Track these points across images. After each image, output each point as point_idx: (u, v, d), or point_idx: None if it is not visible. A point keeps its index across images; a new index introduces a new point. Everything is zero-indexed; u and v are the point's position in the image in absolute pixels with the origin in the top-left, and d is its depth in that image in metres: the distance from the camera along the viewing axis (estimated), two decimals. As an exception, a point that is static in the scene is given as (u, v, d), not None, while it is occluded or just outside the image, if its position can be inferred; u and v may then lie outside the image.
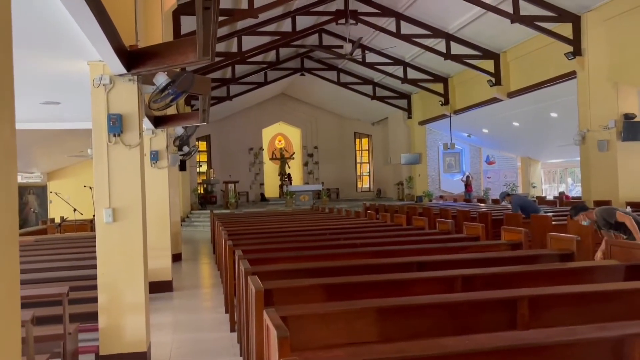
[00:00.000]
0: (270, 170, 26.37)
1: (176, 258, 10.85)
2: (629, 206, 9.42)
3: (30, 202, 16.98)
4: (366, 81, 20.92)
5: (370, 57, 17.75)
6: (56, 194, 13.90)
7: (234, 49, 14.90)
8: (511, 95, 15.02)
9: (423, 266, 4.35)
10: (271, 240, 6.69)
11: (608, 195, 10.86)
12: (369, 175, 27.52)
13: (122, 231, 4.74)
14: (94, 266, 4.80)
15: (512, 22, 12.03)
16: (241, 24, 13.52)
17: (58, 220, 12.93)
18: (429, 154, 21.76)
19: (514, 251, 5.11)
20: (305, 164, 26.65)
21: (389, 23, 15.18)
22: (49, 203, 17.07)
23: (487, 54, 15.12)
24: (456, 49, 14.97)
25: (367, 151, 27.47)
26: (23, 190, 16.57)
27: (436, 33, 14.86)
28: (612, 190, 11.06)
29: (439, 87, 18.61)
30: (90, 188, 7.34)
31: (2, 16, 1.50)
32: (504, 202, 11.75)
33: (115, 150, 4.73)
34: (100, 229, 4.74)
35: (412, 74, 18.33)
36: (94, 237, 4.91)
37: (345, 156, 26.84)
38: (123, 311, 4.72)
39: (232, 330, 5.76)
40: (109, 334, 4.69)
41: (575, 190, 20.81)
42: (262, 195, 25.22)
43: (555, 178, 23.34)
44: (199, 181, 23.49)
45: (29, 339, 3.34)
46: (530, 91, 14.20)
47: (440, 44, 15.32)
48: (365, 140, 27.41)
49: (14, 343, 1.57)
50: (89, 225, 12.18)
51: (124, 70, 4.40)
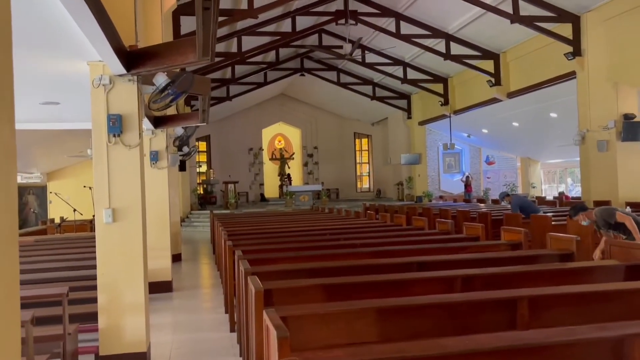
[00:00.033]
0: (270, 170, 26.36)
1: (176, 258, 10.85)
2: (628, 206, 9.42)
3: (30, 203, 16.98)
4: (366, 81, 20.92)
5: (370, 58, 17.75)
6: (56, 194, 13.89)
7: (234, 49, 14.91)
8: (511, 95, 15.02)
9: (423, 266, 4.35)
10: (271, 241, 6.69)
11: (608, 196, 10.86)
12: (369, 175, 27.51)
13: (122, 231, 4.74)
14: (94, 266, 4.79)
15: (512, 23, 12.03)
16: (241, 24, 13.52)
17: (58, 220, 12.93)
18: (429, 154, 21.77)
19: (513, 251, 5.11)
20: (305, 164, 26.64)
21: (389, 23, 15.18)
22: (49, 203, 17.07)
23: (487, 54, 15.12)
24: (456, 49, 14.97)
25: (367, 151, 27.46)
26: (23, 190, 16.57)
27: (436, 33, 14.86)
28: (612, 191, 11.06)
29: (439, 88, 18.61)
30: (90, 188, 7.34)
31: (2, 16, 1.50)
32: (503, 203, 11.75)
33: (115, 151, 4.73)
34: (100, 229, 4.74)
35: (412, 74, 18.33)
36: (93, 238, 4.91)
37: (345, 156, 26.83)
38: (123, 311, 4.72)
39: (232, 330, 5.76)
40: (108, 334, 4.68)
41: (575, 191, 20.82)
42: (262, 195, 25.21)
43: (554, 178, 23.35)
44: (198, 181, 23.47)
45: (28, 339, 3.34)
46: (530, 91, 14.20)
47: (440, 44, 15.33)
48: (365, 140, 27.40)
49: (13, 343, 1.57)
50: (89, 225, 12.18)
51: (123, 71, 4.40)
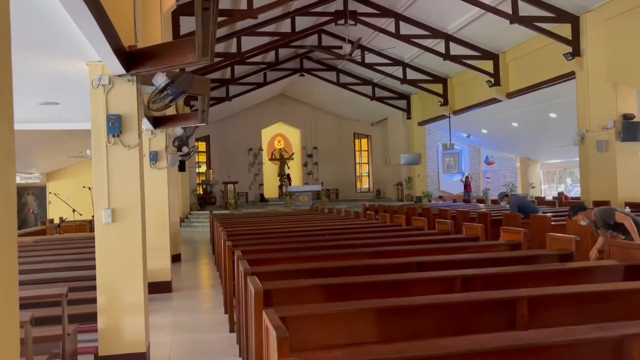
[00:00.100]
0: (269, 170, 26.35)
1: (175, 259, 10.85)
2: (627, 206, 9.42)
3: (29, 203, 16.99)
4: (365, 82, 20.92)
5: (370, 58, 17.74)
6: (55, 194, 13.88)
7: (233, 49, 14.91)
8: (510, 95, 15.02)
9: (422, 266, 4.35)
10: (270, 241, 6.69)
11: (607, 196, 10.87)
12: (369, 175, 27.51)
13: (121, 232, 4.74)
14: (93, 267, 4.79)
15: (511, 23, 12.04)
16: (240, 25, 13.51)
17: (57, 221, 12.92)
18: (428, 155, 21.78)
19: (513, 251, 5.11)
20: (305, 165, 26.63)
21: (388, 23, 15.18)
22: (48, 204, 17.08)
23: (486, 54, 15.12)
24: (455, 49, 14.97)
25: (367, 152, 27.46)
26: (22, 191, 16.58)
27: (435, 34, 14.86)
28: (611, 191, 11.07)
29: (438, 88, 18.61)
30: (90, 189, 7.33)
31: (1, 16, 1.50)
32: (502, 203, 11.76)
33: (115, 151, 4.73)
34: (100, 229, 4.74)
35: (412, 75, 18.33)
36: (93, 238, 4.91)
37: (345, 157, 26.83)
38: (122, 312, 4.72)
39: (232, 330, 5.75)
40: (108, 334, 4.68)
41: (575, 191, 20.83)
42: (262, 195, 25.20)
43: (554, 178, 23.37)
44: (198, 182, 23.46)
45: (27, 339, 3.34)
46: (529, 92, 14.20)
47: (439, 45, 15.33)
48: (364, 140, 27.40)
49: (12, 344, 1.57)
50: (88, 225, 12.17)
51: (123, 71, 4.40)
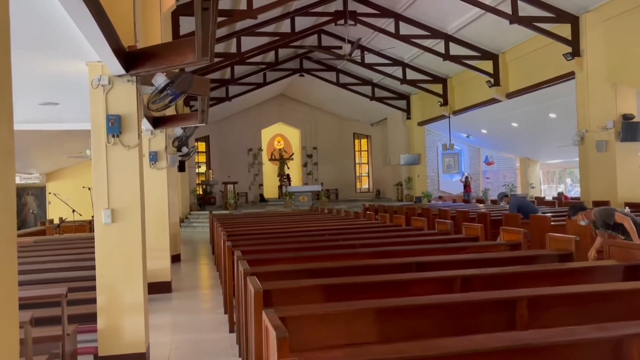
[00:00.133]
0: (269, 171, 26.35)
1: (175, 259, 10.84)
2: (627, 207, 9.43)
3: (28, 203, 16.99)
4: (365, 82, 20.92)
5: (369, 58, 17.75)
6: (55, 195, 13.87)
7: (233, 49, 14.90)
8: (510, 95, 15.03)
9: (422, 267, 4.35)
10: (270, 241, 6.69)
11: (607, 196, 10.87)
12: (368, 175, 27.50)
13: (121, 232, 4.74)
14: (93, 267, 4.79)
15: (511, 23, 12.04)
16: (240, 25, 13.51)
17: (57, 221, 12.92)
18: (428, 155, 21.78)
19: (512, 252, 5.11)
20: (305, 165, 26.63)
21: (388, 24, 15.18)
22: (48, 204, 17.07)
23: (486, 54, 15.13)
24: (455, 49, 14.98)
25: (366, 152, 27.45)
26: (21, 191, 16.58)
27: (435, 34, 14.87)
28: (611, 191, 11.07)
29: (438, 88, 18.62)
30: (89, 189, 7.32)
31: (1, 16, 1.50)
32: (502, 203, 11.77)
33: (114, 151, 4.73)
34: (99, 229, 4.74)
35: (411, 75, 18.33)
36: (92, 238, 4.90)
37: (345, 157, 26.83)
38: (122, 312, 4.72)
39: (231, 331, 5.75)
40: (107, 335, 4.68)
41: (574, 191, 20.84)
42: (261, 196, 25.20)
43: (554, 179, 23.37)
44: (198, 182, 23.45)
45: (27, 340, 3.34)
46: (529, 92, 14.21)
47: (439, 45, 15.33)
48: (364, 141, 27.40)
49: (12, 344, 1.57)
50: (88, 226, 12.17)
51: (122, 71, 4.40)
